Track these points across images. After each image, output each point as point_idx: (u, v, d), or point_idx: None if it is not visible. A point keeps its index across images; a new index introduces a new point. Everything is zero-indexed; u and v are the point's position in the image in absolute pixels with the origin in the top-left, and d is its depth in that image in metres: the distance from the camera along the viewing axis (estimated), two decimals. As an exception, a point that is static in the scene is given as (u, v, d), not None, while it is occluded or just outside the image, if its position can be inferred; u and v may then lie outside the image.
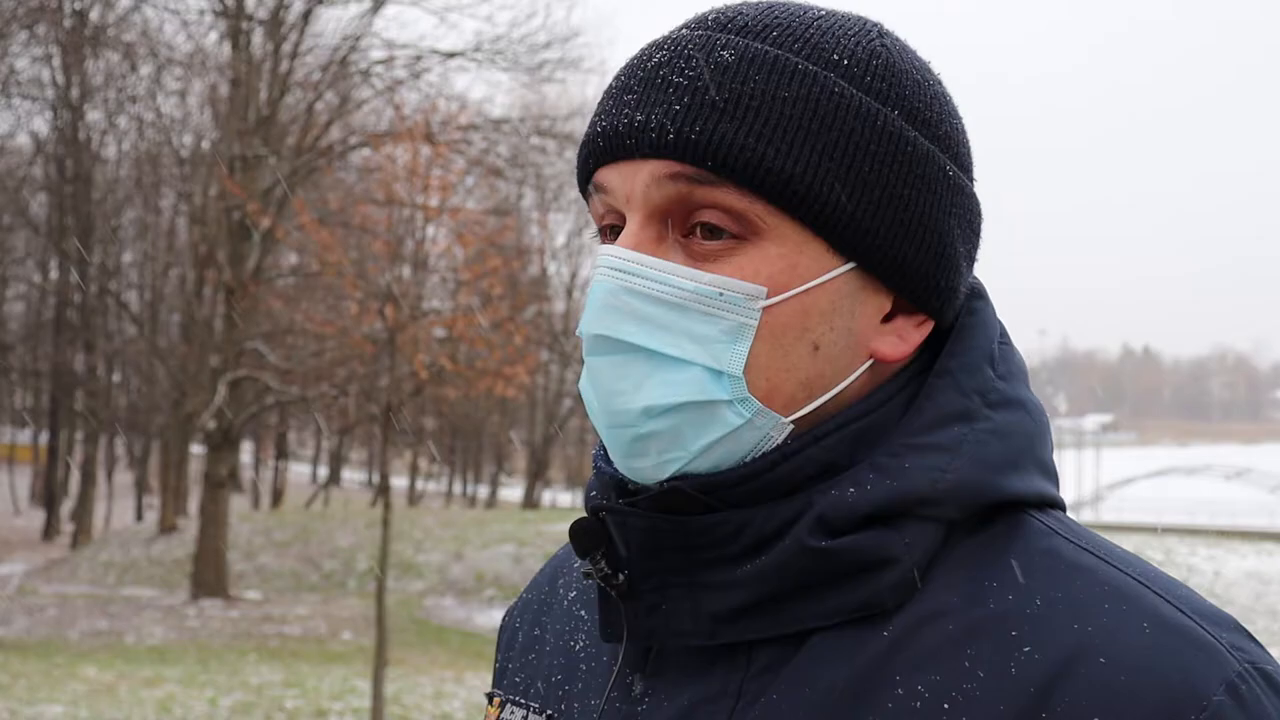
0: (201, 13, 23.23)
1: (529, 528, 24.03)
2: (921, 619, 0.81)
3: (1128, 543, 24.29)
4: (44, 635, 16.47)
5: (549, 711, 0.96)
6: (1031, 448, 0.87)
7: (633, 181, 0.83)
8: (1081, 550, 0.83)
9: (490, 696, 1.04)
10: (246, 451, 40.78)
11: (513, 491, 50.01)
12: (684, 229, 0.84)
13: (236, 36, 21.60)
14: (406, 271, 15.94)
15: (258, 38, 22.03)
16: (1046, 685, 0.76)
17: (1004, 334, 0.92)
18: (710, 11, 0.88)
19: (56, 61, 27.97)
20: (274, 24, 21.76)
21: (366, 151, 21.86)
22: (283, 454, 43.12)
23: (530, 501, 39.16)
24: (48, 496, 34.54)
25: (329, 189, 22.47)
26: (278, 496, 40.48)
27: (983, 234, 0.92)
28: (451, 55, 22.18)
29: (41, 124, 30.61)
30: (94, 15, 26.66)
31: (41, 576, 24.18)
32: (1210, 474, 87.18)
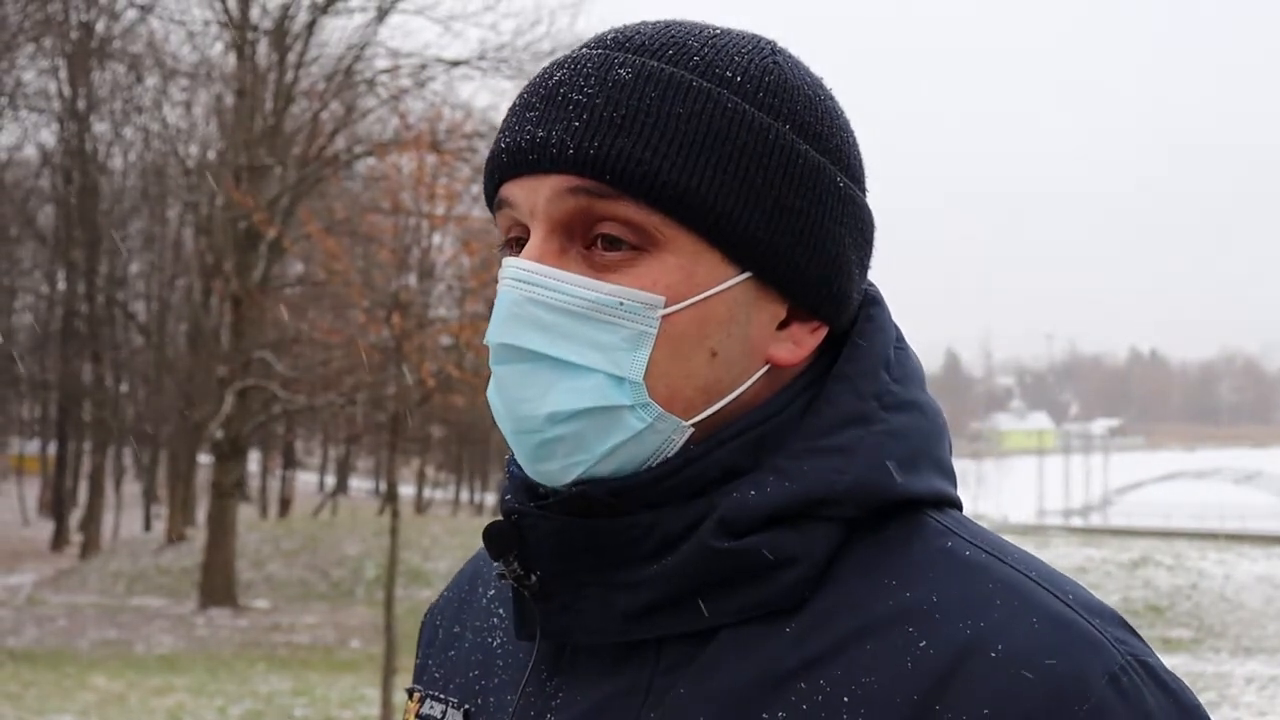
0: (207, 23, 23.34)
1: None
2: (822, 616, 0.84)
3: (1137, 547, 24.24)
4: (54, 645, 16.50)
5: (466, 706, 0.98)
6: (928, 448, 0.90)
7: (535, 196, 0.86)
8: (976, 548, 0.86)
9: (410, 692, 1.06)
10: (254, 461, 40.78)
11: (520, 499, 49.89)
12: (585, 241, 0.86)
13: (241, 47, 21.67)
14: (413, 280, 15.96)
15: (263, 48, 22.11)
16: (942, 678, 0.79)
17: (900, 338, 0.95)
18: (610, 32, 0.91)
19: (63, 73, 28.09)
20: (279, 34, 21.83)
21: (372, 160, 21.91)
22: (290, 463, 43.17)
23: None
24: (56, 507, 34.60)
25: (335, 198, 22.52)
26: (285, 505, 40.50)
27: (874, 242, 0.94)
28: (456, 64, 22.23)
29: (48, 136, 30.75)
30: (100, 27, 26.79)
31: (50, 587, 24.22)
32: (1220, 477, 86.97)
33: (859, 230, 0.92)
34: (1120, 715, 0.78)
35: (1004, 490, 71.76)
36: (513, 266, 0.87)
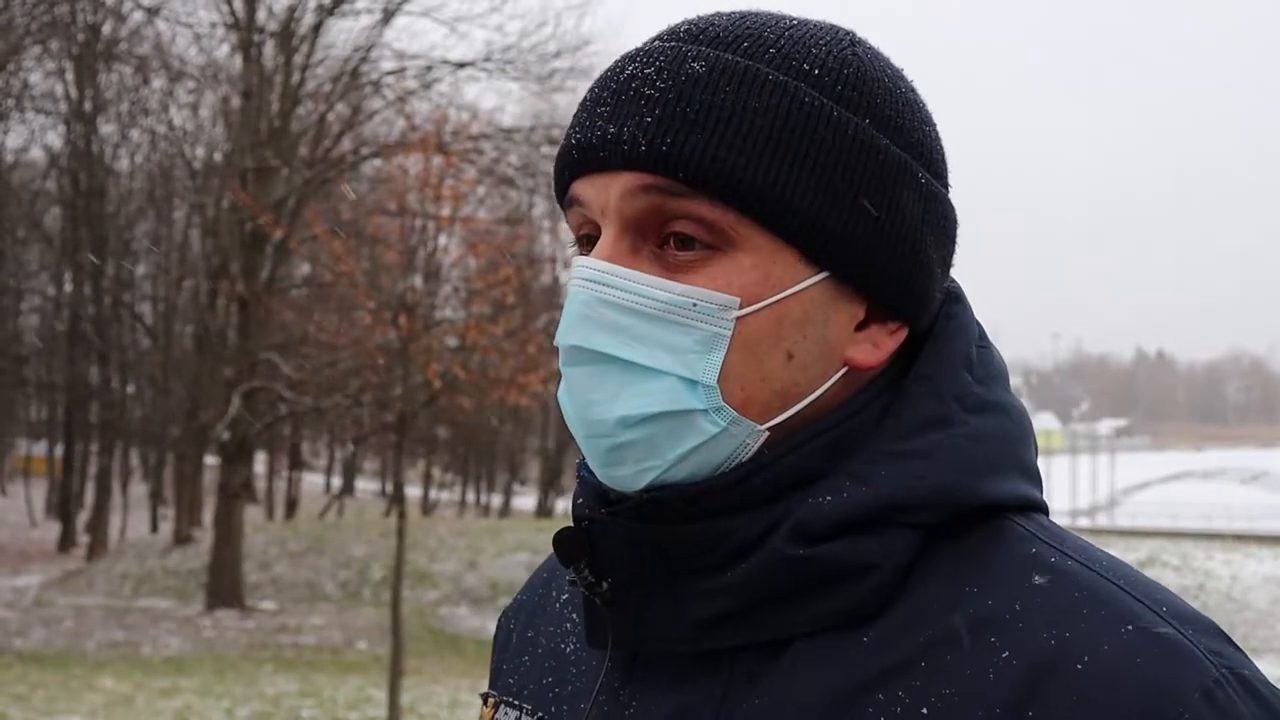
0: (213, 26, 23.39)
1: (543, 536, 24.00)
2: (901, 625, 0.81)
3: (1143, 548, 24.18)
4: (61, 646, 16.53)
5: (540, 713, 0.97)
6: (1012, 451, 0.87)
7: (607, 194, 0.84)
8: (1062, 555, 0.83)
9: (485, 697, 1.05)
10: (260, 462, 40.79)
11: (526, 500, 50.00)
12: (658, 240, 0.84)
13: (248, 49, 21.70)
14: (419, 281, 15.98)
15: (269, 50, 22.13)
16: (1024, 691, 0.76)
17: (983, 336, 0.92)
18: (682, 23, 0.89)
19: (69, 75, 28.15)
20: (285, 36, 21.85)
21: (378, 162, 21.92)
22: (296, 464, 43.20)
23: (544, 510, 39.17)
24: (63, 508, 34.65)
25: (341, 199, 22.54)
26: (292, 507, 40.52)
27: (958, 239, 0.91)
28: (462, 65, 22.24)
29: (55, 138, 30.83)
30: (106, 29, 26.83)
31: (58, 588, 24.26)
32: (1226, 478, 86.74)
33: (941, 227, 0.89)
34: None
35: (1010, 491, 71.63)
36: (583, 266, 0.85)
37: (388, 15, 22.19)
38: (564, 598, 1.03)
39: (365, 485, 57.47)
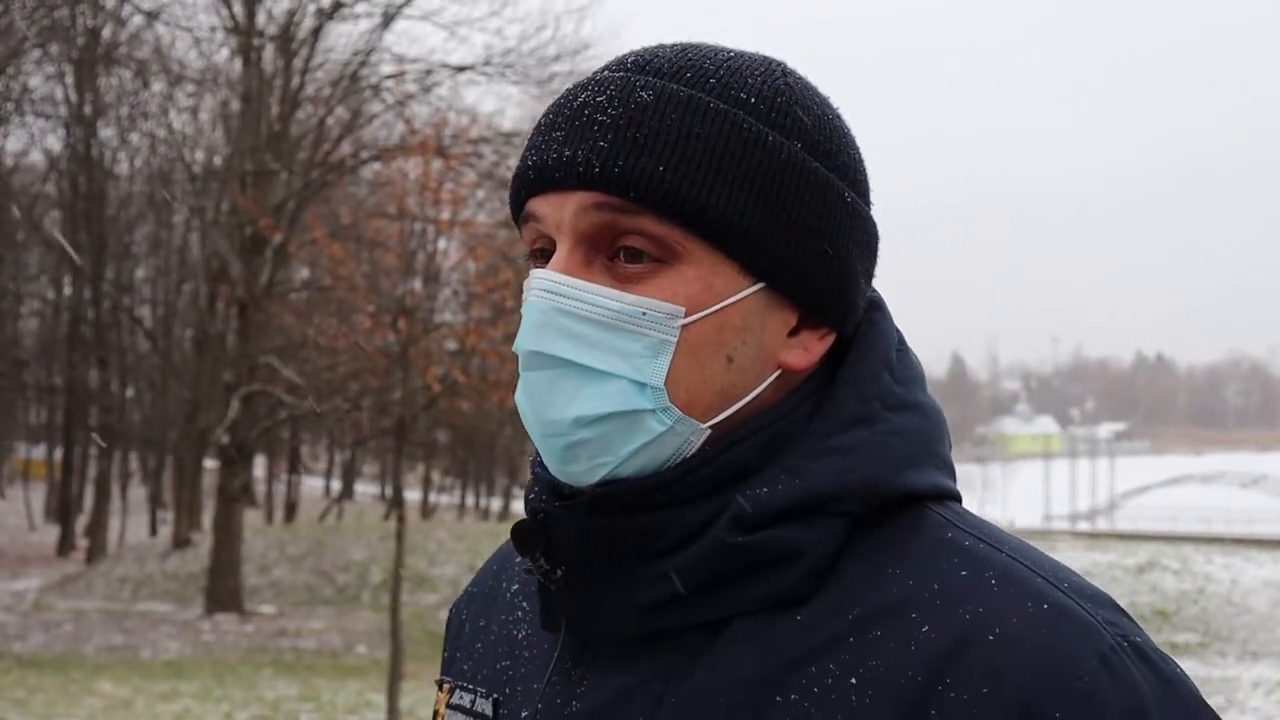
0: (213, 29, 23.39)
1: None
2: (831, 605, 0.89)
3: (1143, 551, 24.20)
4: (60, 650, 16.52)
5: (495, 695, 1.03)
6: (929, 446, 0.95)
7: (562, 210, 0.91)
8: (975, 539, 0.91)
9: (440, 683, 1.12)
10: (260, 466, 40.76)
11: (525, 504, 49.94)
12: (609, 253, 0.91)
13: (247, 53, 21.71)
14: (418, 285, 15.98)
15: (269, 54, 22.14)
16: (943, 661, 0.84)
17: (901, 341, 1.01)
18: (630, 55, 0.96)
19: (69, 79, 28.15)
20: (284, 40, 21.86)
21: (378, 166, 21.92)
22: (296, 468, 43.17)
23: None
24: (62, 512, 34.63)
25: (340, 203, 22.54)
26: (291, 510, 40.50)
27: (878, 252, 1.00)
28: (461, 69, 22.24)
29: (55, 141, 30.83)
30: (106, 33, 26.84)
31: (57, 592, 24.25)
32: (1225, 481, 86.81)
33: (865, 242, 0.97)
34: (1110, 692, 0.82)
35: (1010, 494, 71.68)
36: (541, 278, 0.92)
37: (387, 19, 22.22)
38: (514, 588, 1.10)
39: (365, 489, 57.47)
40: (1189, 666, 16.15)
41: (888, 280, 1.03)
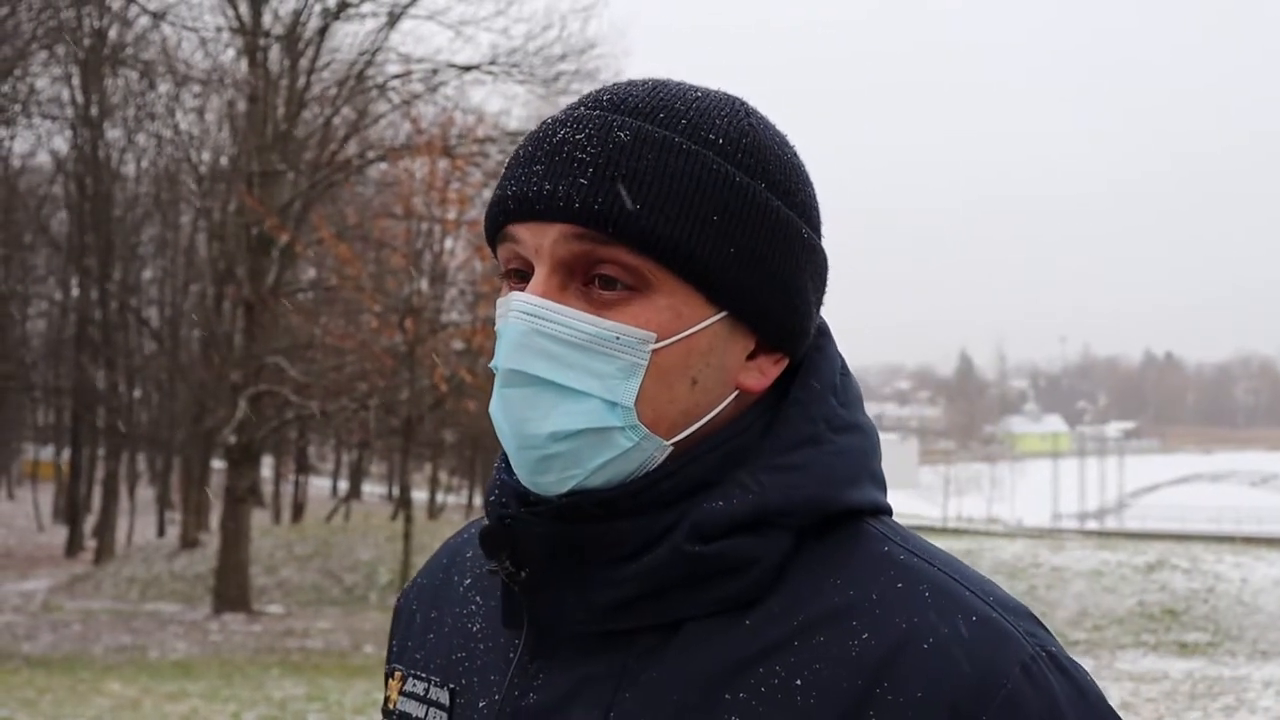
0: (219, 30, 23.39)
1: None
2: (777, 611, 0.96)
3: (1152, 550, 24.14)
4: (68, 651, 16.53)
5: (451, 684, 1.09)
6: (867, 464, 1.04)
7: (541, 237, 0.97)
8: (909, 553, 1.00)
9: (391, 671, 1.17)
10: (267, 466, 40.82)
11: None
12: (584, 279, 0.98)
13: (254, 53, 21.72)
14: (425, 285, 16.00)
15: (275, 54, 22.14)
16: (881, 666, 0.92)
17: (844, 367, 1.09)
18: (604, 92, 1.03)
19: (76, 80, 28.20)
20: (291, 40, 21.87)
21: (384, 166, 21.94)
22: (303, 468, 43.24)
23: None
24: (70, 513, 34.73)
25: (347, 203, 22.56)
26: (298, 511, 40.56)
27: (829, 283, 1.08)
28: (468, 69, 22.22)
29: (61, 143, 30.88)
30: (112, 34, 26.89)
31: (65, 592, 24.29)
32: (1235, 480, 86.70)
33: (818, 274, 1.05)
34: (1029, 697, 0.91)
35: (1019, 494, 71.60)
36: (521, 301, 0.98)
37: (393, 19, 22.20)
38: (467, 581, 1.15)
39: (372, 489, 57.54)
40: (1198, 666, 16.04)
41: (897, 281, 1.03)
